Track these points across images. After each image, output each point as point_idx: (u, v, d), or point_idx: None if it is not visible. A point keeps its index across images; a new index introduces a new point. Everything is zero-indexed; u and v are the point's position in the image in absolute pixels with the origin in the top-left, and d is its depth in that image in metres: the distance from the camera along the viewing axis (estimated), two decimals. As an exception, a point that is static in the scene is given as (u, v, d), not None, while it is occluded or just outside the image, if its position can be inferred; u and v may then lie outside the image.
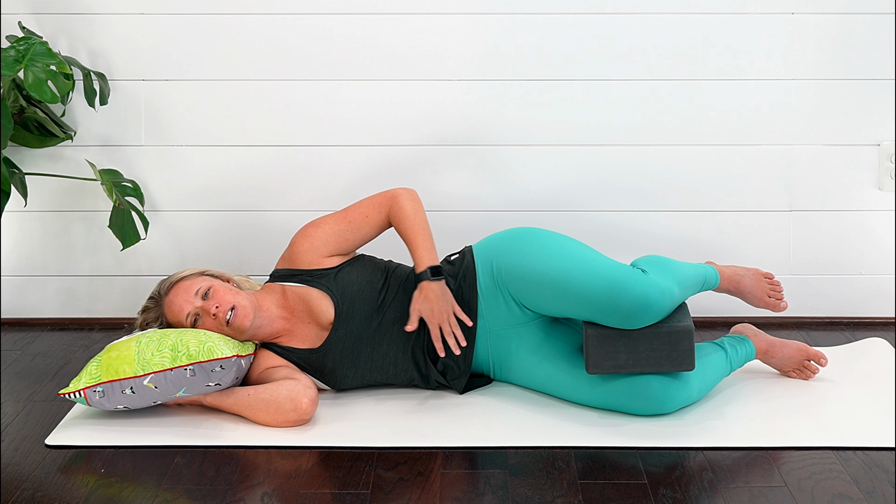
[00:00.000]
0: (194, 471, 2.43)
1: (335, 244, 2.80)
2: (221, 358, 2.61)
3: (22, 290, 3.41)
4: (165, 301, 2.74)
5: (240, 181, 3.34)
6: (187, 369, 2.60)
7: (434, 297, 2.69)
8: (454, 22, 3.28)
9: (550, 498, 2.29)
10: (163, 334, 2.65)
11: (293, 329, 2.79)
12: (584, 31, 3.27)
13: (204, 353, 2.60)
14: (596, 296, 2.61)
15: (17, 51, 2.95)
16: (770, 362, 2.88)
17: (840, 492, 2.30)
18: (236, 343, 2.69)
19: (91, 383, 2.62)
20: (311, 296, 2.77)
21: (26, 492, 2.34)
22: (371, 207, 2.82)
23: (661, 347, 2.59)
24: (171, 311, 2.73)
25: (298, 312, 2.79)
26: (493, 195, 3.35)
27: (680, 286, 2.70)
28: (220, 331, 2.70)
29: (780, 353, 2.86)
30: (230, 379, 2.64)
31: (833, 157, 3.34)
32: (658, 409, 2.62)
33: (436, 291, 2.70)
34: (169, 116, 3.32)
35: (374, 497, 2.30)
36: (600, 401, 2.67)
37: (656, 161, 3.33)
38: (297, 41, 3.28)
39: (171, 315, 2.74)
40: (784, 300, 2.94)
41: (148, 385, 2.61)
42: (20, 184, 3.15)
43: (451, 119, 3.32)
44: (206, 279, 2.75)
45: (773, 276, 2.96)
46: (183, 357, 2.60)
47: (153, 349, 2.62)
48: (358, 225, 2.81)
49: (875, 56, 3.28)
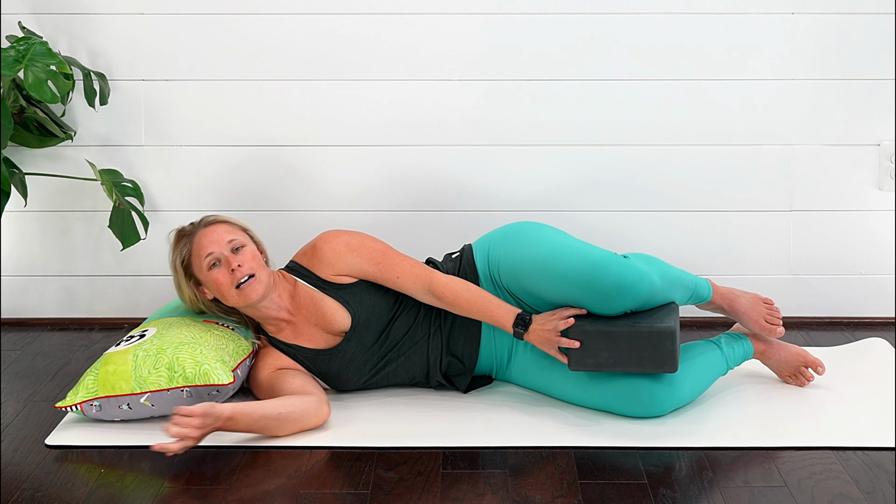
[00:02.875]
0: (194, 471, 2.43)
1: (356, 274, 2.77)
2: (217, 384, 2.60)
3: (22, 290, 3.41)
4: (200, 231, 2.71)
5: (240, 181, 3.34)
6: (184, 391, 2.60)
7: (542, 335, 2.66)
8: (454, 22, 3.28)
9: (550, 498, 2.29)
10: (159, 349, 2.63)
11: (297, 325, 2.77)
12: (584, 30, 3.27)
13: (200, 376, 2.60)
14: (577, 275, 2.61)
15: (17, 51, 2.95)
16: (767, 363, 2.87)
17: (840, 492, 2.30)
18: (231, 355, 2.67)
19: (88, 397, 2.62)
20: (325, 304, 2.76)
21: (26, 492, 2.34)
22: (407, 274, 2.75)
23: (642, 347, 2.58)
24: (199, 243, 2.69)
25: (306, 312, 2.77)
26: (493, 195, 3.34)
27: (662, 279, 2.66)
28: (227, 289, 2.66)
29: (778, 355, 2.85)
30: (226, 398, 2.66)
31: (833, 156, 3.34)
32: (647, 411, 2.62)
33: (539, 333, 2.66)
34: (169, 116, 3.33)
35: (374, 497, 2.30)
36: (592, 401, 2.67)
37: (656, 161, 3.33)
38: (297, 41, 3.28)
39: (196, 248, 2.69)
40: (781, 326, 2.83)
41: (145, 403, 2.61)
42: (20, 184, 3.15)
43: (451, 119, 3.32)
44: (244, 236, 2.74)
45: (772, 301, 2.88)
46: (179, 378, 2.60)
47: (150, 366, 2.61)
48: (385, 277, 2.76)
49: (875, 56, 3.28)
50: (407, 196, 3.35)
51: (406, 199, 3.36)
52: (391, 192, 3.35)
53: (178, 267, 2.74)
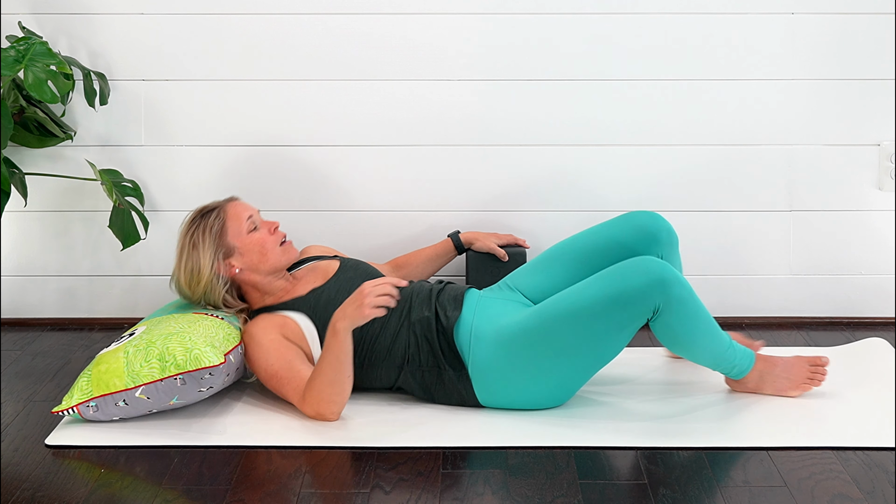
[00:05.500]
0: (194, 471, 2.43)
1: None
2: (209, 366, 2.60)
3: (22, 290, 3.41)
4: (230, 204, 2.83)
5: (240, 181, 3.34)
6: (177, 378, 2.60)
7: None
8: (454, 22, 3.28)
9: (550, 498, 2.29)
10: (149, 342, 2.64)
11: (296, 283, 2.86)
12: (584, 31, 3.27)
13: (191, 361, 2.60)
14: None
15: (17, 51, 2.95)
16: (772, 383, 2.73)
17: (840, 492, 2.30)
18: (222, 341, 2.67)
19: (83, 399, 2.62)
20: (318, 263, 2.92)
21: (26, 492, 2.34)
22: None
23: None
24: (234, 210, 2.81)
25: (302, 275, 2.89)
26: (493, 195, 3.34)
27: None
28: (272, 247, 2.79)
29: (783, 365, 2.74)
30: (221, 382, 2.65)
31: (833, 157, 3.34)
32: (649, 274, 2.55)
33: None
34: (169, 116, 3.33)
35: (374, 497, 2.30)
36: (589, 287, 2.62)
37: (656, 161, 3.33)
38: (298, 41, 3.28)
39: (233, 213, 2.80)
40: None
41: (140, 396, 2.61)
42: (20, 184, 3.15)
43: (451, 119, 3.32)
44: None
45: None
46: (171, 367, 2.60)
47: (141, 360, 2.61)
48: None
49: (875, 56, 3.28)
50: (407, 196, 3.35)
51: (406, 199, 3.36)
52: (391, 192, 3.35)
53: (205, 241, 2.76)
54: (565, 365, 2.62)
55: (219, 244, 2.77)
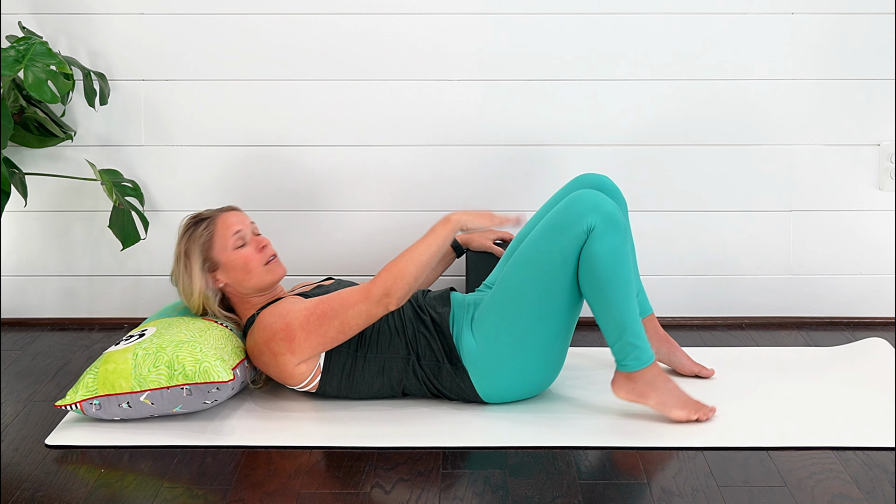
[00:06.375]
0: (194, 471, 2.43)
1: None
2: (218, 381, 2.60)
3: (22, 290, 3.41)
4: (222, 216, 2.78)
5: (240, 181, 3.34)
6: (183, 388, 2.60)
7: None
8: (454, 22, 3.28)
9: (550, 498, 2.29)
10: (159, 347, 2.64)
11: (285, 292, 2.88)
12: (585, 31, 3.27)
13: (200, 374, 2.59)
14: None
15: (17, 51, 2.95)
16: (662, 392, 2.64)
17: (840, 492, 2.30)
18: (230, 354, 2.67)
19: (87, 396, 2.62)
20: (306, 280, 2.98)
21: (26, 492, 2.34)
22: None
23: None
24: (225, 223, 2.76)
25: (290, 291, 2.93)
26: (493, 195, 3.34)
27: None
28: (256, 266, 2.74)
29: (678, 388, 2.66)
30: (226, 395, 2.65)
31: (833, 157, 3.34)
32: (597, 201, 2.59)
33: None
34: (169, 116, 3.33)
35: (374, 497, 2.30)
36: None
37: (656, 161, 3.33)
38: (298, 41, 3.28)
39: (222, 227, 2.76)
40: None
41: (144, 401, 2.61)
42: (20, 184, 3.15)
43: (451, 119, 3.32)
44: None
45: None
46: (179, 376, 2.60)
47: (149, 365, 2.61)
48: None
49: (875, 56, 3.29)
50: (407, 196, 3.35)
51: (406, 199, 3.36)
52: (391, 192, 3.35)
53: (194, 252, 2.75)
54: (541, 327, 2.64)
55: (205, 257, 2.75)
